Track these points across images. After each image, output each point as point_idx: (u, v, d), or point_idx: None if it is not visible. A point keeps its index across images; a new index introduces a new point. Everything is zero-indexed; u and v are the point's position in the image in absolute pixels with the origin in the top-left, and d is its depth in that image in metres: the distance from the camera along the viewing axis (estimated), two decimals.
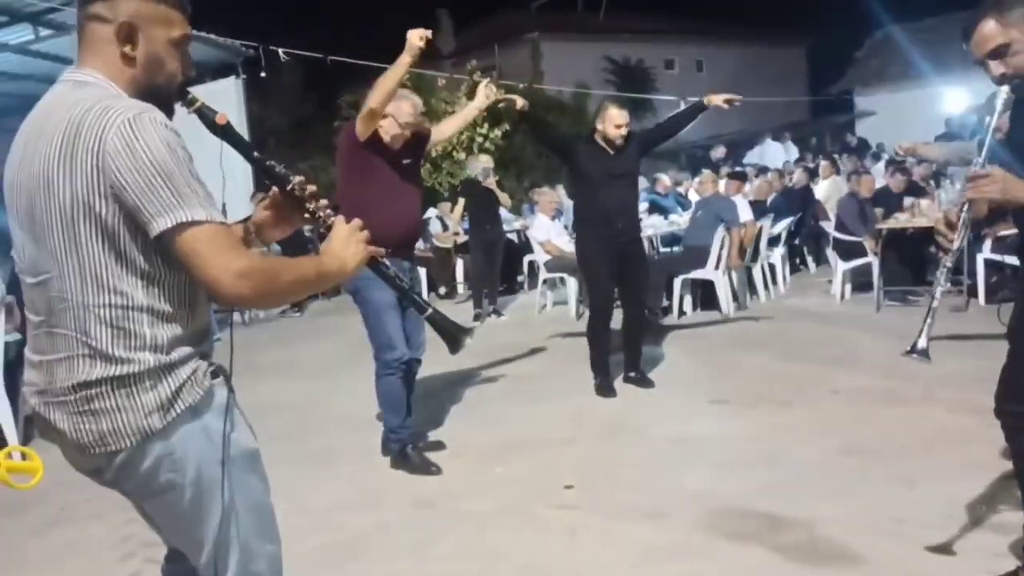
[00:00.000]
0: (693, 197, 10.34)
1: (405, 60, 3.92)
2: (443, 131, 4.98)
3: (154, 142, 1.54)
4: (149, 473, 1.68)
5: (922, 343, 2.49)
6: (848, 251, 8.44)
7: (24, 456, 1.64)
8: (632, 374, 5.76)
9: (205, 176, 1.64)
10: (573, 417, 5.16)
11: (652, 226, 10.16)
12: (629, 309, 5.81)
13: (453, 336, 2.01)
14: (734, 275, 8.51)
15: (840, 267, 8.53)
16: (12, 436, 5.01)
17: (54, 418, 1.68)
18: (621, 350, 5.82)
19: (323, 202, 1.83)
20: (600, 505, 3.79)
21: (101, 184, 1.55)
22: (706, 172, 9.33)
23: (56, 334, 1.66)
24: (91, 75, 1.67)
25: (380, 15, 28.39)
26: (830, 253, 9.04)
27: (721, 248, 8.10)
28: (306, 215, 1.84)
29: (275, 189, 1.88)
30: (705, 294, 8.51)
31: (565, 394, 5.63)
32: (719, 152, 16.45)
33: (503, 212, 10.31)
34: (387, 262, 1.93)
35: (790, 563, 3.12)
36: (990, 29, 2.41)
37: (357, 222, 1.80)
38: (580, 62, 24.97)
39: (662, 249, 10.20)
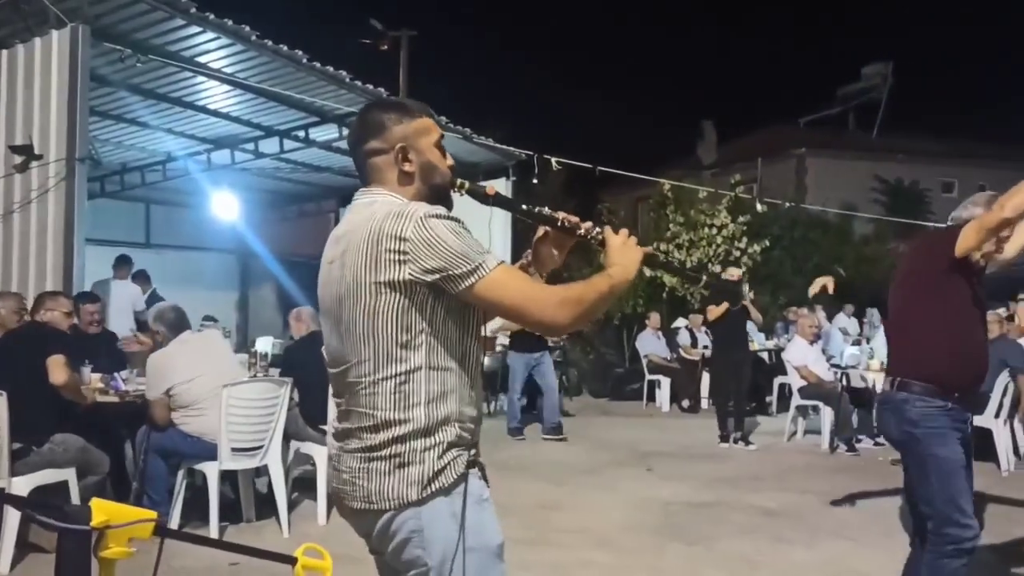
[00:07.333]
0: None
1: None
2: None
3: (444, 232, 1.76)
4: (401, 544, 1.82)
5: None
6: None
7: (319, 554, 1.67)
8: None
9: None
10: (820, 568, 4.74)
11: None
12: None
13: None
14: (1018, 426, 7.61)
15: None
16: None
17: (338, 481, 1.89)
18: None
19: (587, 223, 2.03)
20: None
21: (401, 275, 1.76)
22: (993, 313, 8.47)
23: (352, 411, 1.87)
24: (379, 193, 1.91)
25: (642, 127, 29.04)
26: None
27: (1003, 395, 7.29)
28: (578, 236, 2.03)
29: (545, 228, 2.09)
30: (984, 444, 7.63)
31: (813, 539, 5.22)
32: None
33: (751, 328, 9.99)
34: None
35: None
36: None
37: (624, 231, 1.98)
38: (847, 180, 24.12)
39: None
